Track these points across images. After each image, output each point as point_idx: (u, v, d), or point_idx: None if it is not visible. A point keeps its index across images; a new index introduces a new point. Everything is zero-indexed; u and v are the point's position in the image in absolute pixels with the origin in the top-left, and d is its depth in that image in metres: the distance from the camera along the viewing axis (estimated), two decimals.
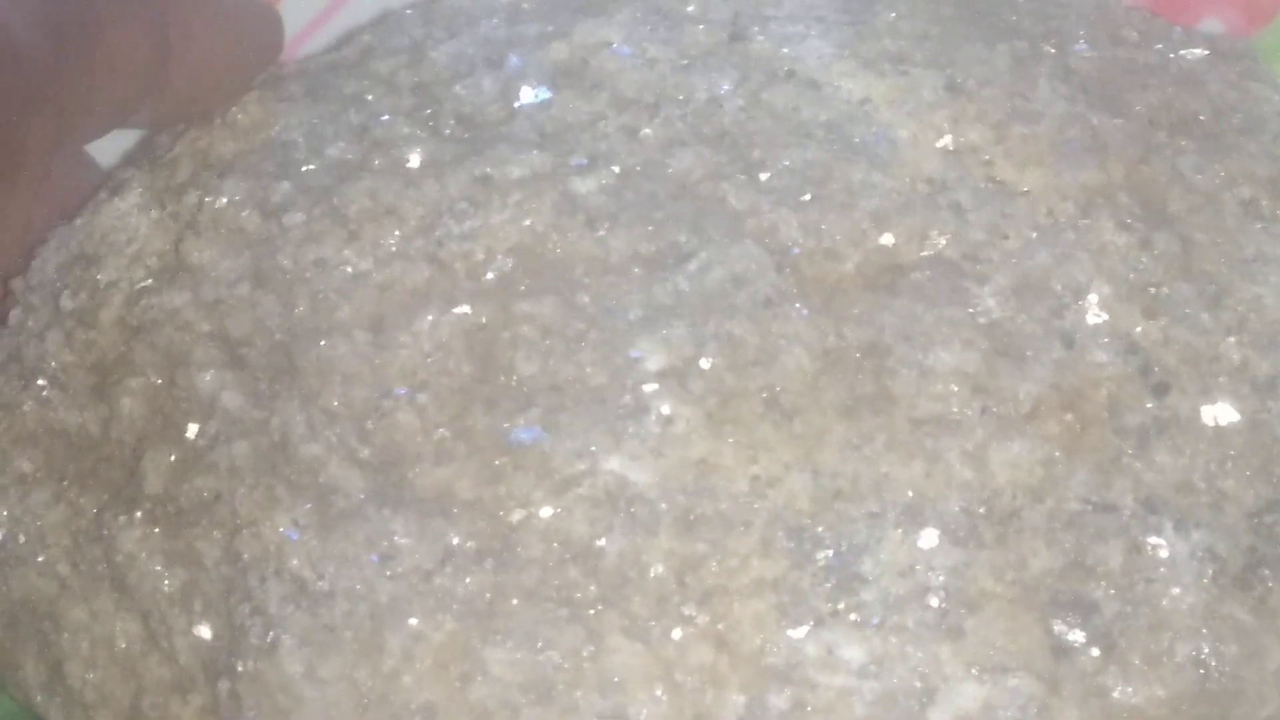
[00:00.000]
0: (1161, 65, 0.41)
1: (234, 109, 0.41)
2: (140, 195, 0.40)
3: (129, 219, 0.40)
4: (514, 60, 0.40)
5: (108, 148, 0.43)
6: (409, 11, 0.43)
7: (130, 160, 0.42)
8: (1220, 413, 0.36)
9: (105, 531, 0.37)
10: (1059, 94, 0.39)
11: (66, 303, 0.39)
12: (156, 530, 0.37)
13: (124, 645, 0.37)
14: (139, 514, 0.37)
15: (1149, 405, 0.36)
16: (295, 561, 0.35)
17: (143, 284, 0.39)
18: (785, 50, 0.40)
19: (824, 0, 0.42)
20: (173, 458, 0.37)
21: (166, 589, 0.36)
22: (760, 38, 0.40)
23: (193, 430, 0.37)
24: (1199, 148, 0.39)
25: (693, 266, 0.36)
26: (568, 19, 0.41)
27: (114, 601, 0.37)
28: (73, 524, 0.38)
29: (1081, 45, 0.41)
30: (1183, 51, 0.42)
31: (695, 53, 0.40)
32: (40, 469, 0.39)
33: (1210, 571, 0.35)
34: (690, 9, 0.41)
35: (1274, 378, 0.37)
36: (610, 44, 0.40)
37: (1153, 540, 0.35)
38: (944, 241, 0.37)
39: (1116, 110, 0.40)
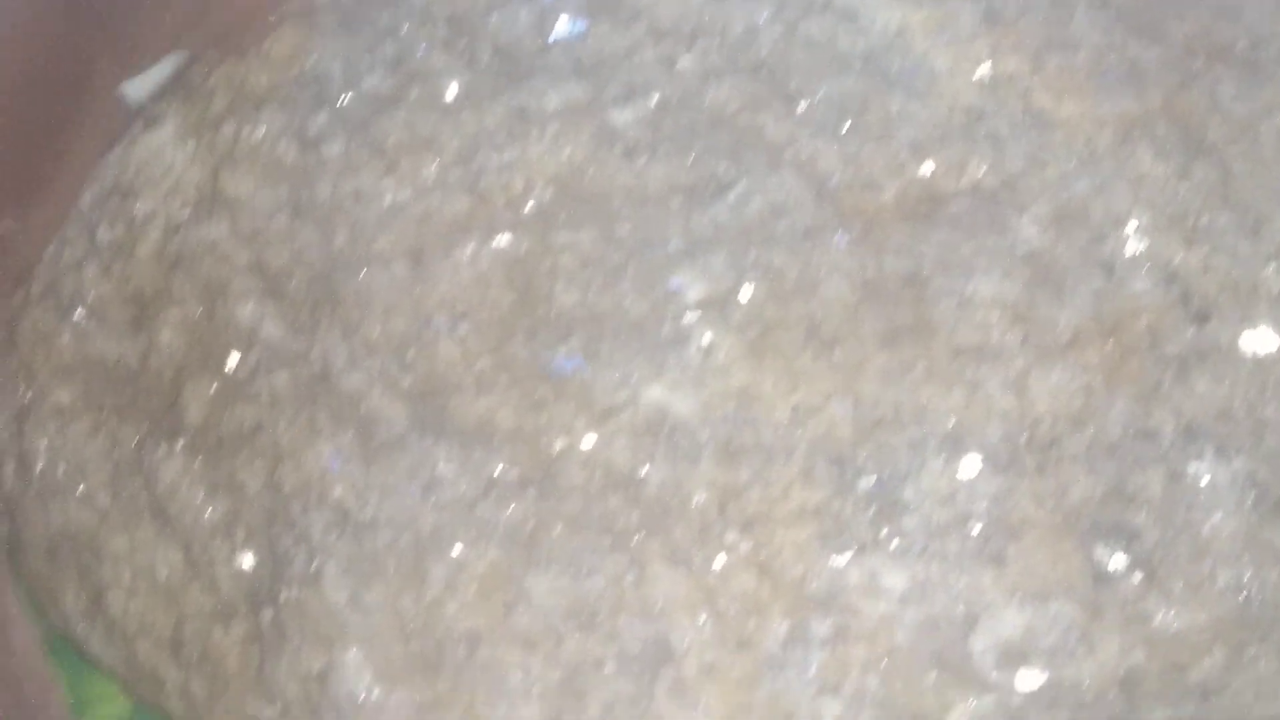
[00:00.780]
0: None
1: (268, 40, 0.41)
2: (176, 127, 0.40)
3: (164, 151, 0.40)
4: None
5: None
6: None
7: (166, 92, 0.42)
8: (1260, 340, 0.36)
9: (145, 462, 0.38)
10: (1096, 23, 0.39)
11: (104, 235, 0.39)
12: (198, 460, 0.37)
13: (165, 574, 0.37)
14: (180, 444, 0.37)
15: (1189, 334, 0.36)
16: (338, 490, 0.35)
17: (180, 216, 0.39)
18: None
19: None
20: (213, 388, 0.37)
21: (208, 519, 0.37)
22: None
23: (233, 361, 0.37)
24: (1237, 76, 0.39)
25: (731, 197, 0.36)
26: None
27: (155, 531, 0.38)
28: (113, 454, 0.38)
29: None
30: None
31: None
32: (79, 400, 0.39)
33: (1251, 498, 0.35)
34: None
35: None
36: None
37: (1193, 467, 0.35)
38: (982, 171, 0.37)
39: (1154, 38, 0.39)
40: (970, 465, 0.35)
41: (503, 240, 0.36)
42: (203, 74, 0.41)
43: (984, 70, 0.38)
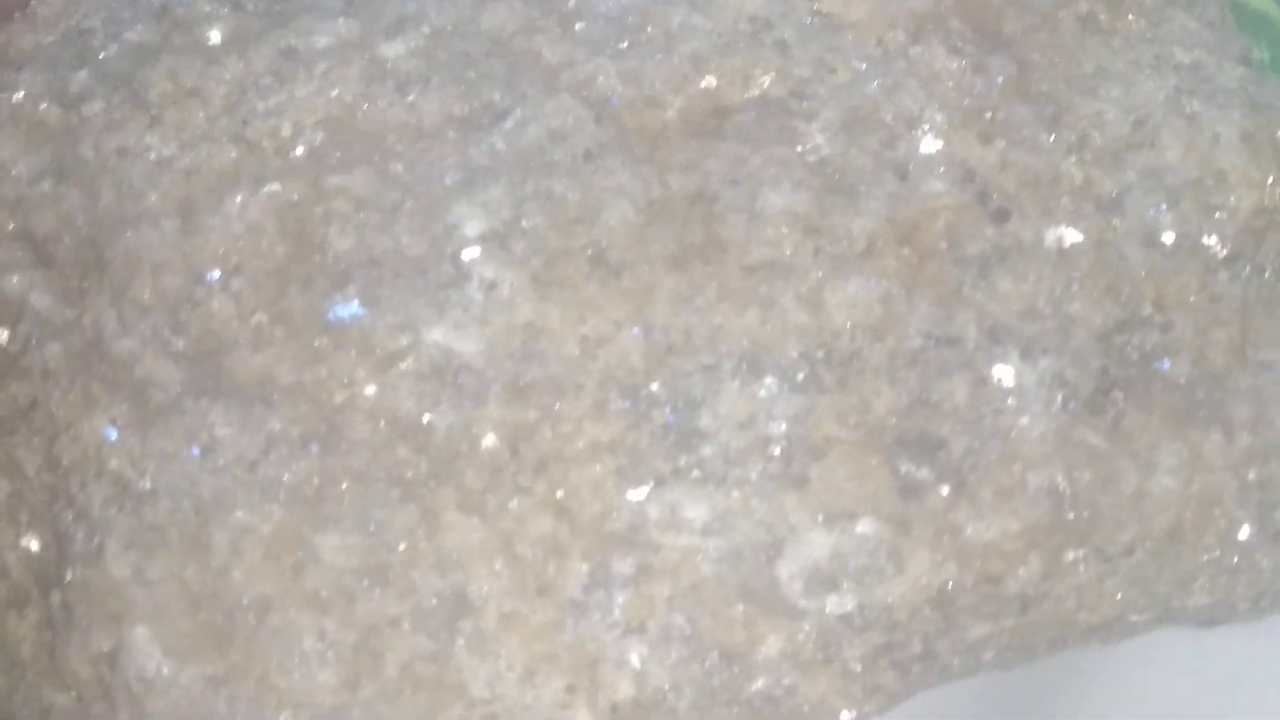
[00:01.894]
0: None
1: (33, 3, 0.39)
2: None
3: None
4: None
5: None
6: None
7: None
8: (1064, 235, 0.35)
9: None
10: None
11: None
12: None
13: None
14: None
15: (989, 233, 0.35)
16: (115, 462, 0.34)
17: None
18: None
19: None
20: None
21: None
22: None
23: (3, 336, 0.35)
24: None
25: (508, 125, 0.35)
26: None
27: None
28: None
29: None
30: None
31: None
32: None
33: (1060, 398, 0.34)
34: None
35: (1118, 194, 0.36)
36: None
37: (998, 370, 0.34)
38: (768, 80, 0.36)
39: None
40: (768, 386, 0.33)
41: (273, 188, 0.35)
42: None
43: None
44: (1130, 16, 0.38)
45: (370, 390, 0.33)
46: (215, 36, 0.37)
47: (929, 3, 0.37)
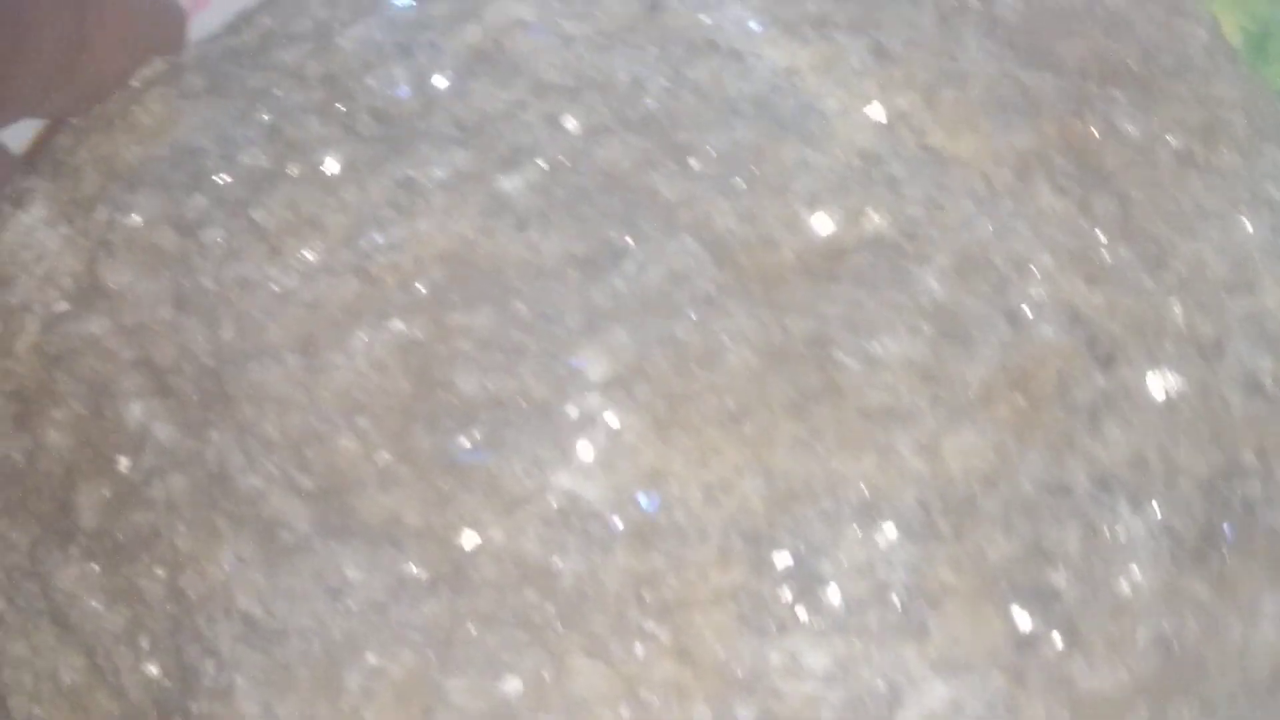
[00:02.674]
0: (1088, 9, 0.40)
1: (135, 108, 0.39)
2: (46, 208, 0.38)
3: (35, 234, 0.38)
4: (425, 46, 0.38)
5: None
6: None
7: (30, 167, 0.40)
8: (1168, 381, 0.36)
9: (41, 568, 0.36)
10: (987, 51, 0.38)
11: None
12: (95, 566, 0.36)
13: (69, 680, 0.36)
14: (74, 550, 0.36)
15: (1097, 379, 0.36)
16: (244, 600, 0.34)
17: (58, 307, 0.37)
18: (704, 18, 0.39)
19: None
20: (106, 492, 0.36)
21: (110, 626, 0.36)
22: (678, 5, 0.39)
23: (125, 463, 0.35)
24: (1130, 97, 0.39)
25: (629, 266, 0.35)
26: None
27: (55, 636, 0.36)
28: (4, 559, 0.37)
29: None
30: None
31: (612, 28, 0.39)
32: None
33: (1167, 547, 0.35)
34: None
35: (1219, 339, 0.37)
36: (524, 23, 0.39)
37: (1108, 519, 0.35)
38: (882, 221, 0.36)
39: (1046, 64, 0.39)
40: (886, 534, 0.34)
41: (397, 325, 0.35)
42: (68, 147, 0.39)
43: (876, 109, 0.38)
44: (1224, 151, 0.39)
45: (498, 533, 0.34)
46: (332, 163, 0.37)
47: (1033, 139, 0.37)
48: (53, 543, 0.36)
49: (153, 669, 0.35)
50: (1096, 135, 0.38)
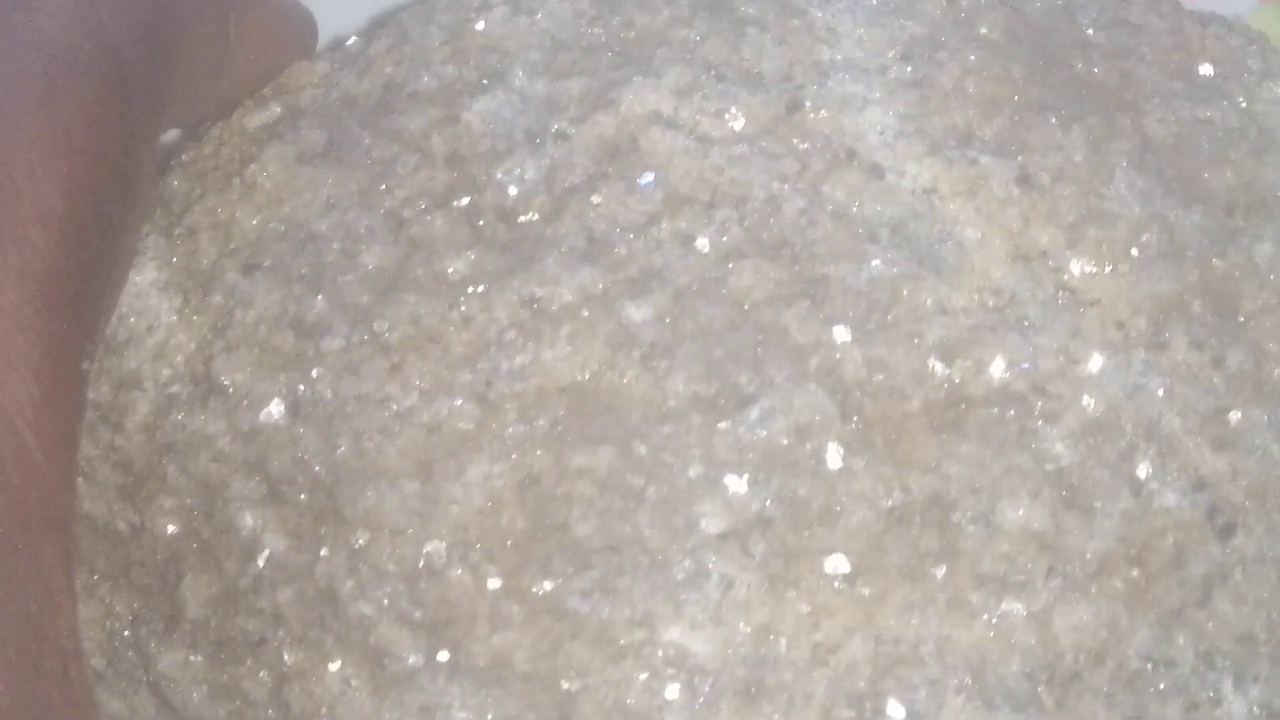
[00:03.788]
0: (1241, 128, 0.39)
1: (253, 168, 0.38)
2: (158, 272, 0.38)
3: (149, 301, 0.38)
4: (556, 136, 0.37)
5: None
6: (431, 30, 0.40)
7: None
8: None
9: (142, 643, 0.37)
10: (1136, 189, 0.37)
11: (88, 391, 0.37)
12: (199, 657, 0.36)
13: None
14: (178, 635, 0.36)
15: (1214, 550, 0.35)
16: None
17: (170, 388, 0.37)
18: (845, 123, 0.37)
19: (883, 41, 0.39)
20: (213, 590, 0.36)
21: (211, 715, 0.36)
22: (819, 106, 0.37)
23: (233, 568, 0.36)
24: (1275, 233, 0.38)
25: (754, 414, 0.35)
26: (611, 71, 0.38)
27: (155, 708, 0.37)
28: (106, 623, 0.38)
29: (1156, 106, 0.38)
30: (1261, 93, 0.40)
31: (751, 131, 0.37)
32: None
33: None
34: (744, 60, 0.38)
35: None
36: (660, 116, 0.37)
37: (1210, 696, 0.35)
38: (1012, 371, 0.35)
39: (1194, 195, 0.37)
40: (989, 703, 0.34)
41: (516, 459, 0.35)
42: (182, 198, 0.39)
43: (1016, 242, 0.37)
44: None
45: (603, 683, 0.34)
46: (456, 269, 0.36)
47: (1174, 285, 0.36)
48: (156, 621, 0.37)
49: None
50: (1237, 276, 0.37)
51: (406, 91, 0.39)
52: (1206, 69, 0.40)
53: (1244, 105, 0.40)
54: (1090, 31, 0.40)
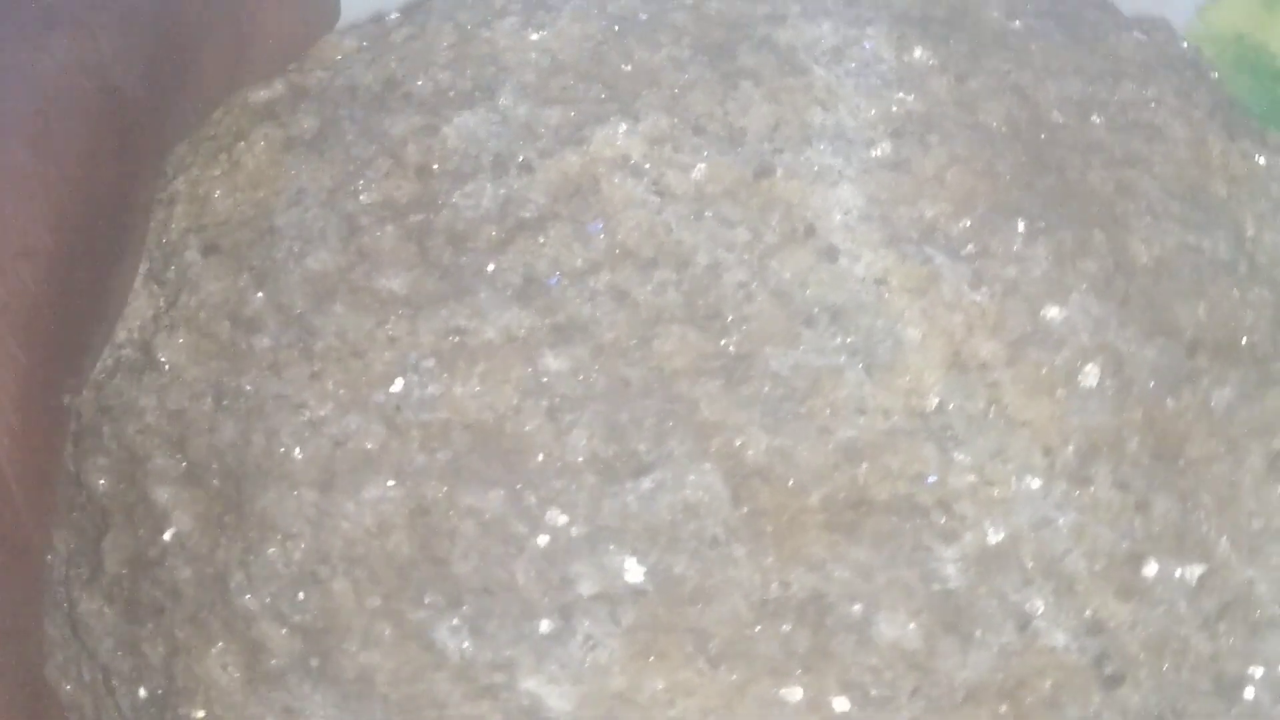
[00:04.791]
0: (1231, 262, 0.37)
1: (241, 145, 0.39)
2: None
3: None
4: (522, 167, 0.37)
5: None
6: (445, 29, 0.40)
7: None
8: (1168, 713, 0.35)
9: (69, 585, 0.38)
10: (1089, 315, 0.36)
11: None
12: (110, 611, 0.38)
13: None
14: (96, 586, 0.38)
15: (1095, 698, 0.35)
16: (218, 709, 0.36)
17: (122, 351, 0.38)
18: (813, 197, 0.36)
19: (879, 114, 0.38)
20: (128, 551, 0.37)
21: (116, 665, 0.38)
22: (791, 174, 0.37)
23: (145, 536, 0.37)
24: (1241, 377, 0.36)
25: (646, 485, 0.35)
26: (595, 105, 0.38)
27: (73, 642, 0.39)
28: (46, 555, 0.39)
29: (1146, 224, 0.37)
30: (1272, 220, 0.38)
31: (713, 190, 0.37)
32: None
33: None
34: (728, 113, 0.38)
35: (1238, 682, 0.35)
36: (627, 161, 0.37)
37: None
38: (922, 485, 0.35)
39: (1158, 329, 0.36)
40: None
41: (411, 487, 0.35)
42: (176, 165, 0.39)
43: (957, 349, 0.36)
44: None
45: (459, 719, 0.35)
46: (395, 286, 0.36)
47: (1111, 419, 0.35)
48: (84, 566, 0.38)
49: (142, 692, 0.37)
50: (1188, 419, 0.36)
51: (401, 91, 0.39)
52: (1219, 189, 0.38)
53: (1250, 234, 0.38)
54: (1104, 133, 0.38)
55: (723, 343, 0.36)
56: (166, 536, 0.37)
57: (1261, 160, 0.39)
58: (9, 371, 0.33)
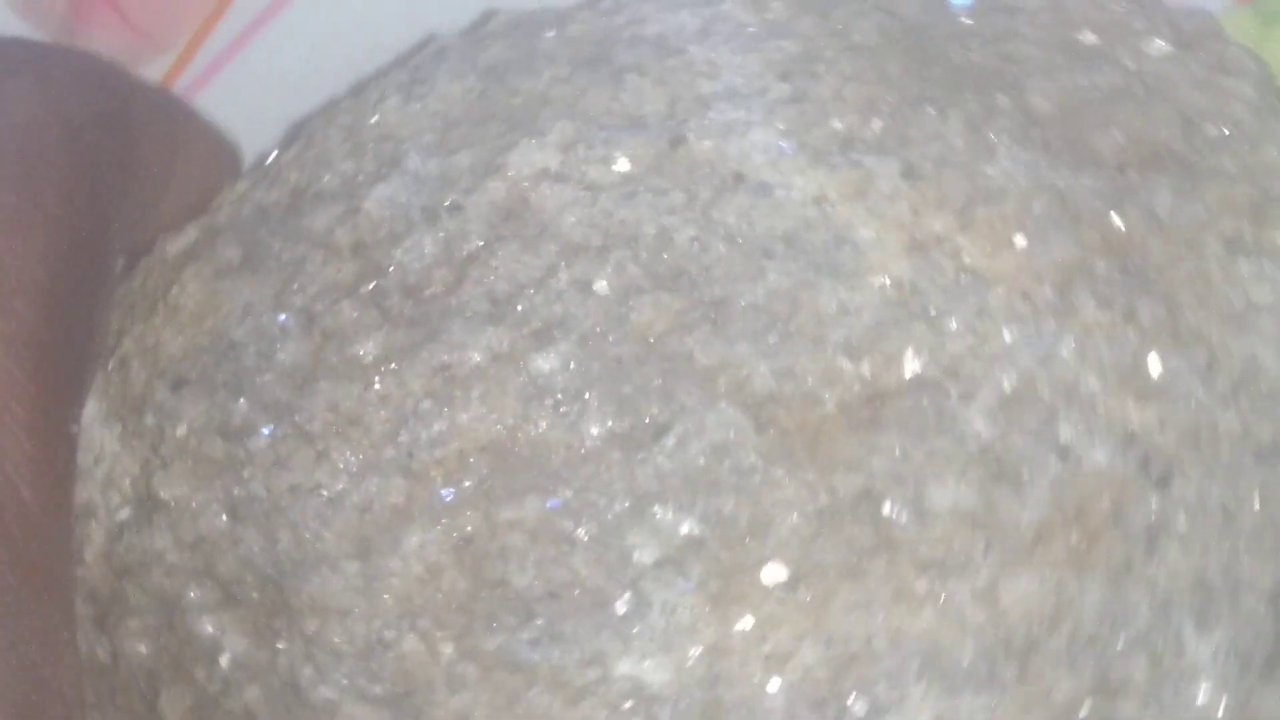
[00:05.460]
0: (1125, 87, 0.39)
1: (175, 289, 0.39)
2: (99, 403, 0.39)
3: (93, 433, 0.39)
4: (451, 209, 0.38)
5: None
6: (332, 131, 0.41)
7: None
8: (1226, 494, 0.35)
9: None
10: (1020, 162, 0.37)
11: None
12: None
13: None
14: None
15: (1154, 502, 0.35)
16: None
17: (121, 514, 0.38)
18: (730, 148, 0.38)
19: (761, 64, 0.39)
20: (188, 700, 0.37)
21: None
22: (702, 137, 0.38)
23: (202, 674, 0.36)
24: (1173, 182, 0.38)
25: (670, 441, 0.35)
26: (499, 139, 0.39)
27: None
28: None
29: (1038, 80, 0.39)
30: (1145, 50, 0.40)
31: (637, 170, 0.38)
32: None
33: (1235, 668, 0.35)
34: (624, 105, 0.39)
35: (1277, 443, 0.36)
36: (548, 172, 0.38)
37: (1173, 646, 0.35)
38: (922, 360, 0.36)
39: (1083, 162, 0.38)
40: (950, 687, 0.34)
41: (447, 523, 0.35)
42: (115, 332, 0.40)
43: (910, 233, 0.37)
44: (1276, 231, 0.38)
45: None
46: (368, 352, 0.37)
47: (1074, 250, 0.37)
48: None
49: None
50: (1140, 232, 0.37)
51: (311, 193, 0.40)
52: (1089, 37, 0.40)
53: (1131, 67, 0.40)
54: (967, 20, 0.40)
55: (695, 295, 0.36)
56: (224, 664, 0.36)
57: (1115, 6, 0.41)
58: (21, 401, 0.34)
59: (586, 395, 0.36)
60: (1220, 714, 0.34)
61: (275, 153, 0.43)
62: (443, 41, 0.43)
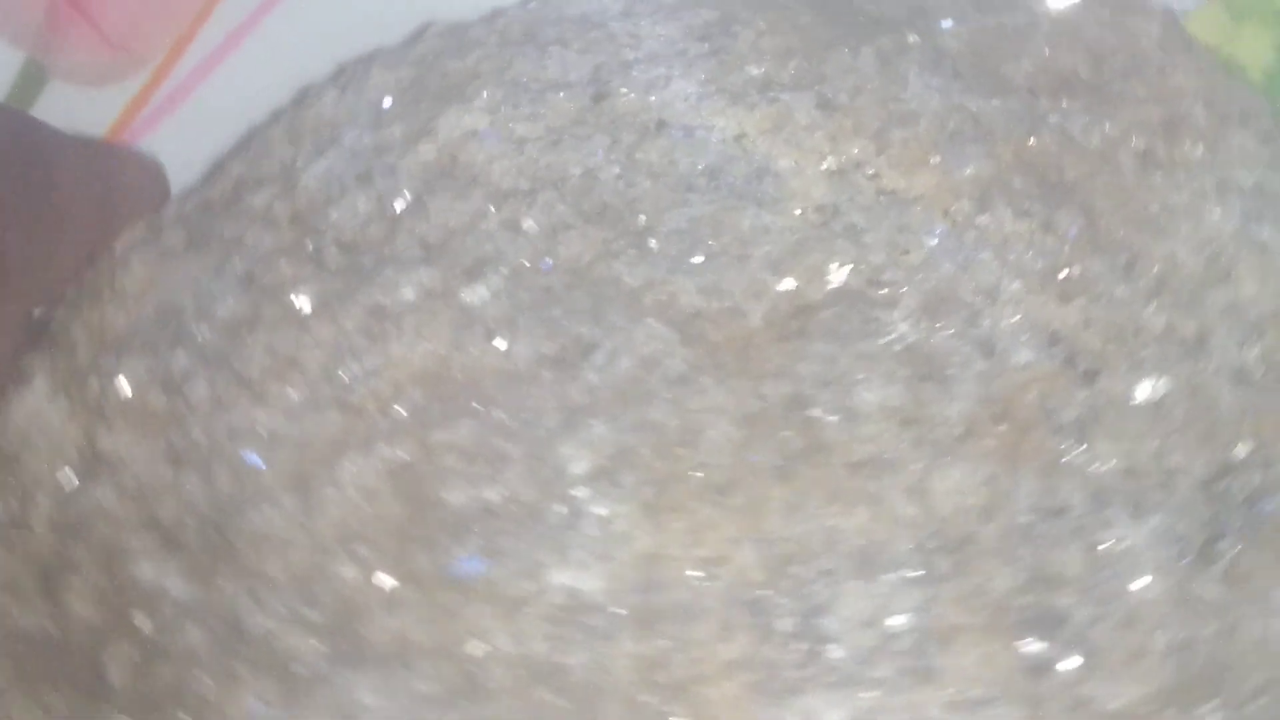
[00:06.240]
0: (1032, 24, 0.40)
1: (120, 273, 0.40)
2: (45, 383, 0.40)
3: (40, 411, 0.39)
4: (384, 171, 0.39)
5: None
6: (274, 131, 0.43)
7: (32, 344, 0.41)
8: (1154, 386, 0.36)
9: None
10: (932, 87, 0.38)
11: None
12: None
13: None
14: (108, 708, 0.37)
15: (1081, 395, 0.35)
16: None
17: (68, 482, 0.38)
18: (652, 99, 0.39)
19: (681, 31, 0.41)
20: (132, 650, 0.37)
21: None
22: (624, 90, 0.39)
23: (144, 621, 0.36)
24: (1084, 106, 0.39)
25: (599, 358, 0.36)
26: (430, 110, 0.40)
27: None
28: None
29: (948, 23, 0.40)
30: None
31: (562, 123, 0.39)
32: (9, 678, 0.39)
33: (1173, 553, 0.35)
34: (549, 73, 0.41)
35: (1201, 334, 0.36)
36: (476, 132, 0.39)
37: (1110, 534, 0.35)
38: (845, 273, 0.36)
39: (994, 88, 0.39)
40: (886, 582, 0.34)
41: (382, 451, 0.36)
42: (64, 321, 0.41)
43: (829, 162, 0.38)
44: (1188, 144, 0.38)
45: (503, 639, 0.34)
46: (305, 302, 0.38)
47: (989, 165, 0.37)
48: (91, 705, 0.37)
49: None
50: (1054, 149, 0.38)
51: (252, 179, 0.41)
52: None
53: (1036, 8, 0.41)
54: None
55: (621, 226, 0.37)
56: (164, 609, 0.36)
57: None
58: None
59: (517, 321, 0.36)
60: (1158, 599, 0.34)
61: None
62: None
